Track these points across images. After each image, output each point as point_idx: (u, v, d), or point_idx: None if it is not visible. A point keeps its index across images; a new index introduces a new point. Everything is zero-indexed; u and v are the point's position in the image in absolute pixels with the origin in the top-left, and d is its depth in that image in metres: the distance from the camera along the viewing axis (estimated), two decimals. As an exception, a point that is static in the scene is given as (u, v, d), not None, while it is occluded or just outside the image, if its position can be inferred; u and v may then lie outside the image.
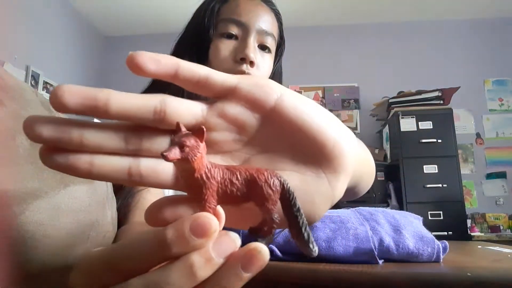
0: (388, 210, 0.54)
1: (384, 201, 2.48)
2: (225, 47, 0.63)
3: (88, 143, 0.20)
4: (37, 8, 2.58)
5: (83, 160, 0.20)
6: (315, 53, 3.19)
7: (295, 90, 0.27)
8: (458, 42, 3.08)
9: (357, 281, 0.41)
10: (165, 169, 0.22)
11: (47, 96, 2.74)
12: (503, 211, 2.73)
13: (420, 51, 3.10)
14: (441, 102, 2.49)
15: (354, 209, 0.55)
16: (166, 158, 0.18)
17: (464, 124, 2.93)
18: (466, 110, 2.95)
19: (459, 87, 2.54)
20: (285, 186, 0.21)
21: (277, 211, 0.20)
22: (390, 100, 2.62)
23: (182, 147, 0.18)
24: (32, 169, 0.30)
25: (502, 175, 2.83)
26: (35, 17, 2.56)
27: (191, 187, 0.19)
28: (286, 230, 0.48)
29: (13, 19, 2.34)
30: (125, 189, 0.56)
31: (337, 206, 0.23)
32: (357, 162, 0.29)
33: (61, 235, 0.32)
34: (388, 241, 0.47)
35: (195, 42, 0.65)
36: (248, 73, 0.57)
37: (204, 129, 0.19)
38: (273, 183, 0.20)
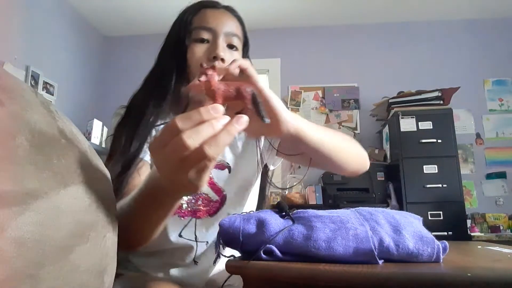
0: (388, 210, 0.54)
1: (384, 201, 2.47)
2: (199, 50, 0.76)
3: None
4: (37, 8, 2.58)
5: None
6: (315, 53, 3.19)
7: (295, 90, 0.28)
8: (458, 42, 3.08)
9: (357, 281, 0.41)
10: None
11: (47, 96, 2.74)
12: (503, 211, 2.73)
13: (420, 51, 3.09)
14: (441, 102, 2.49)
15: (354, 209, 0.55)
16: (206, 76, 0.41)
17: (464, 124, 2.93)
18: (466, 110, 2.95)
19: (459, 87, 2.54)
20: (253, 91, 0.43)
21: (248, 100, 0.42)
22: (390, 100, 2.62)
23: (205, 74, 0.41)
24: (32, 169, 0.30)
25: (502, 175, 2.83)
26: (35, 17, 2.56)
27: (209, 94, 0.40)
28: (286, 231, 0.48)
29: (13, 19, 2.34)
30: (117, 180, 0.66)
31: (337, 206, 0.23)
32: (314, 128, 0.56)
33: (61, 235, 0.32)
34: (388, 241, 0.47)
35: (174, 49, 0.78)
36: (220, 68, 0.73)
37: (215, 66, 0.43)
38: (246, 89, 0.42)
